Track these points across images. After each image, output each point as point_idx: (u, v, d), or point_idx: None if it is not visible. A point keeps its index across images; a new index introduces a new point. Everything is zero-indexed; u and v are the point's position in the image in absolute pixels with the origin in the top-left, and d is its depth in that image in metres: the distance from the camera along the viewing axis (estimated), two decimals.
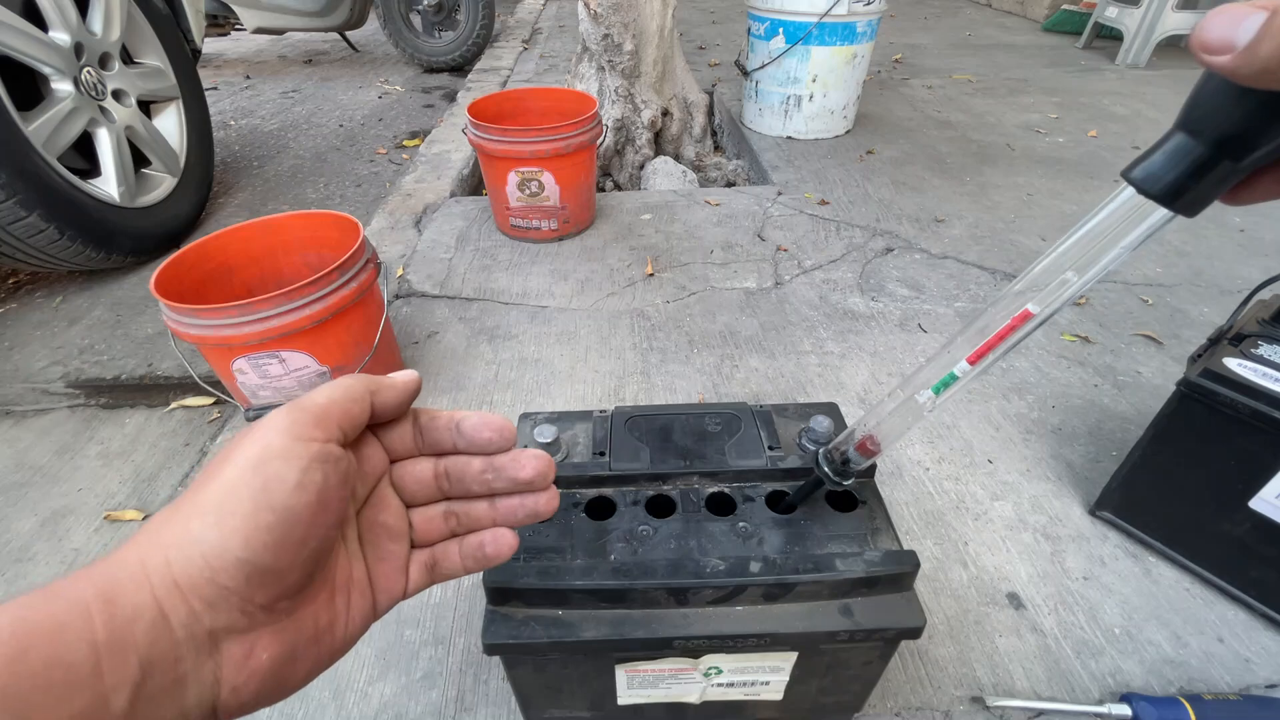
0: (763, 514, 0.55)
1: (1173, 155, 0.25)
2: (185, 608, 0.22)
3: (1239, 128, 0.23)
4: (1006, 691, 0.67)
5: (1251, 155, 0.23)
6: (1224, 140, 0.23)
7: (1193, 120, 0.24)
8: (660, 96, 1.98)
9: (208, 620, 0.23)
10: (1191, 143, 0.24)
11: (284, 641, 0.25)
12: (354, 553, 0.30)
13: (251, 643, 0.24)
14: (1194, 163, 0.24)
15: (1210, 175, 0.24)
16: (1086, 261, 0.30)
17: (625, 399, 1.07)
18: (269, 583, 0.24)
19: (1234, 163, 0.24)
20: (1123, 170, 0.27)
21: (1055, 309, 0.32)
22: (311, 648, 0.27)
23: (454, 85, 3.00)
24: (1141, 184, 0.26)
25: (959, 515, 0.86)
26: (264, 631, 0.25)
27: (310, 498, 0.24)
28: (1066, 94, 2.46)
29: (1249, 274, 1.37)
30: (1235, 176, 0.24)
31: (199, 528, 0.23)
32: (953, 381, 0.38)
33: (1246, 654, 0.71)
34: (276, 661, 0.25)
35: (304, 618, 0.26)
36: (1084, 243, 0.30)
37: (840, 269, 1.42)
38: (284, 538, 0.24)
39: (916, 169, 1.87)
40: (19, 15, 1.22)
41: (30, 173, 1.19)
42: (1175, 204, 0.26)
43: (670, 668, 0.53)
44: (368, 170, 2.13)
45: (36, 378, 1.16)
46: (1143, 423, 0.77)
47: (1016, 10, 3.90)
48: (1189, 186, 0.25)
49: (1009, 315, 0.34)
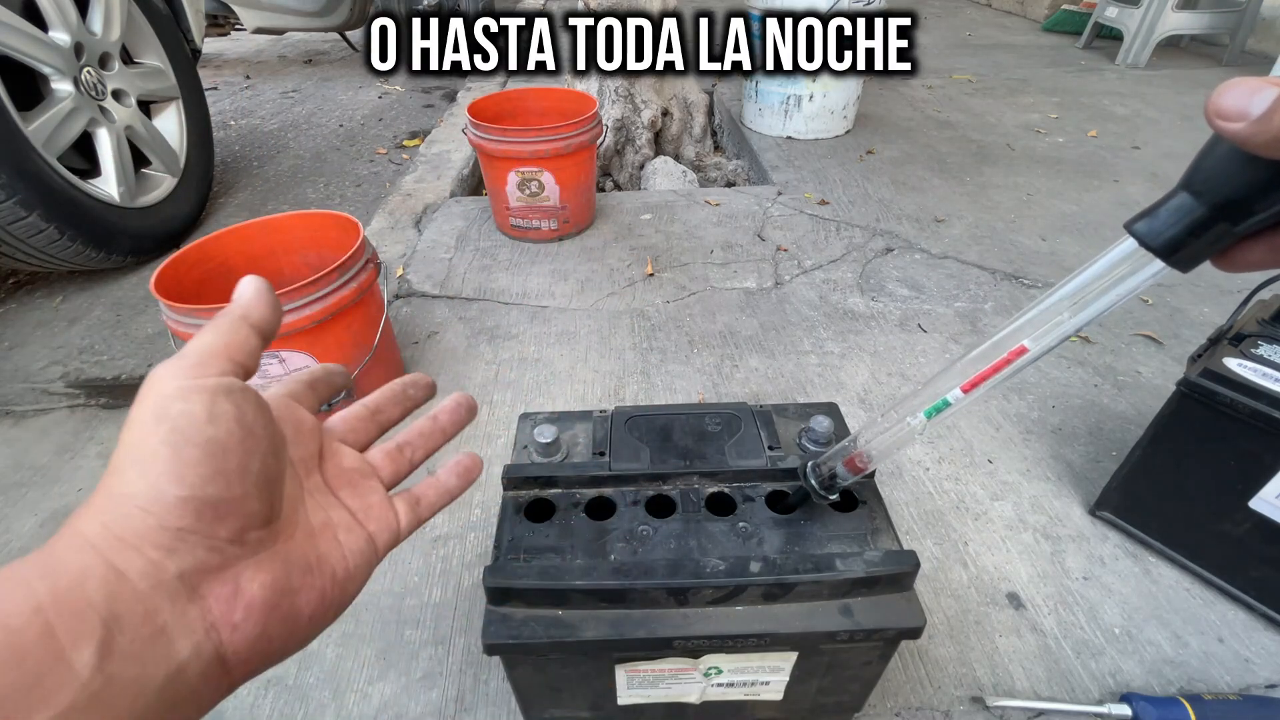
0: (763, 514, 0.55)
1: (1174, 212, 0.26)
2: (141, 559, 0.21)
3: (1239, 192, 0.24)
4: (1006, 691, 0.67)
5: (1248, 220, 0.25)
6: (1224, 203, 0.25)
7: (1196, 182, 0.26)
8: (660, 96, 1.99)
9: (172, 565, 0.22)
10: (1193, 202, 0.26)
11: (272, 571, 0.25)
12: (327, 503, 0.30)
13: (235, 577, 0.24)
14: (1193, 222, 0.26)
15: (1207, 235, 0.26)
16: (1083, 303, 0.32)
17: (625, 399, 1.07)
18: (225, 513, 0.23)
19: (1230, 225, 0.25)
20: (1125, 222, 0.29)
21: (1050, 346, 0.34)
22: (309, 578, 0.26)
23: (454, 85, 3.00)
24: (1144, 237, 0.28)
25: (959, 515, 0.86)
26: (245, 565, 0.24)
27: (230, 425, 0.23)
28: (1066, 94, 2.46)
29: (1249, 274, 1.37)
30: (1229, 238, 0.26)
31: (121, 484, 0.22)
32: (945, 407, 0.39)
33: (1246, 654, 0.71)
34: (271, 592, 0.24)
35: (287, 550, 0.26)
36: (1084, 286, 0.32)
37: (840, 269, 1.42)
38: (219, 467, 0.23)
39: (916, 169, 1.87)
40: (19, 15, 1.22)
41: (30, 173, 1.19)
42: (1171, 259, 0.27)
43: (670, 668, 0.53)
44: (368, 170, 2.13)
45: (36, 378, 1.16)
46: (1143, 423, 0.77)
47: (1016, 10, 3.90)
48: (1186, 243, 0.26)
49: (1005, 350, 0.35)
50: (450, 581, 0.79)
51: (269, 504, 0.25)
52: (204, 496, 0.22)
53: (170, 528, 0.22)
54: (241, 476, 0.24)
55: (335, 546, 0.28)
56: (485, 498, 0.89)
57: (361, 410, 0.35)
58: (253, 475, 0.24)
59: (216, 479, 0.23)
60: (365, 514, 0.31)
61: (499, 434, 1.00)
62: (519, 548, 0.52)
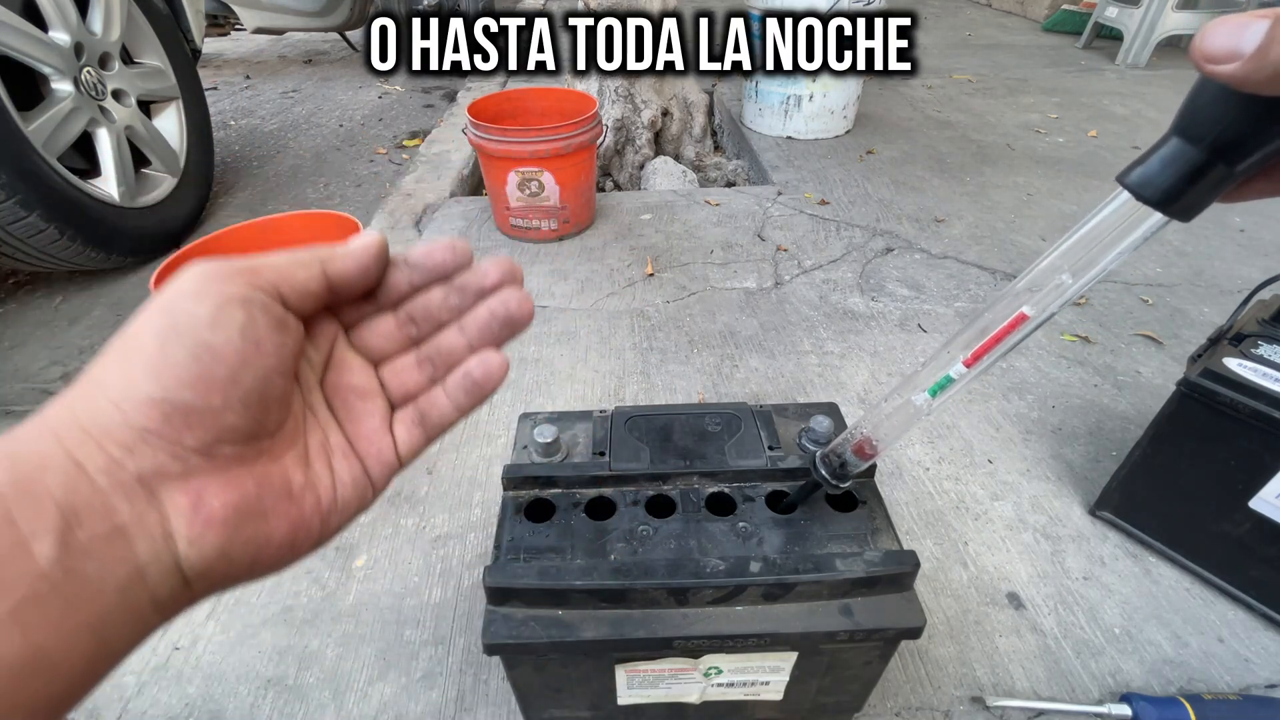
0: (763, 514, 0.55)
1: (1168, 161, 0.25)
2: (101, 454, 0.21)
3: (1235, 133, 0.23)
4: (1006, 691, 0.67)
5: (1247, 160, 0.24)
6: (1220, 146, 0.24)
7: (1188, 126, 0.25)
8: (660, 96, 1.98)
9: (131, 465, 0.21)
10: (1187, 148, 0.25)
11: (240, 490, 0.23)
12: (326, 421, 0.28)
13: (197, 490, 0.22)
14: (1189, 168, 0.25)
15: (1205, 180, 0.25)
16: (1083, 265, 0.31)
17: (625, 399, 1.07)
18: (197, 423, 0.22)
19: (1229, 167, 0.24)
20: (1118, 175, 0.27)
21: (1051, 312, 0.33)
22: (284, 504, 0.24)
23: (454, 85, 3.00)
24: (1138, 189, 0.26)
25: (959, 515, 0.86)
26: (209, 479, 0.22)
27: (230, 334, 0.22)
28: (1066, 94, 2.46)
29: (1249, 274, 1.37)
30: (1229, 181, 0.25)
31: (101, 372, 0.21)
32: (949, 384, 0.38)
33: (1246, 654, 0.71)
34: (235, 511, 0.23)
35: (267, 472, 0.24)
36: (1080, 246, 0.30)
37: (840, 269, 1.42)
38: (204, 374, 0.21)
39: (916, 169, 1.87)
40: (19, 15, 1.22)
41: (30, 173, 1.19)
42: (1170, 209, 0.26)
43: (670, 668, 0.53)
44: (368, 170, 2.13)
45: (36, 378, 1.16)
46: (1143, 423, 0.77)
47: (1016, 10, 3.90)
48: (1184, 191, 0.25)
49: (1005, 318, 0.34)
50: (450, 581, 0.79)
51: (256, 420, 0.23)
52: (176, 400, 0.21)
53: (135, 426, 0.21)
54: (227, 387, 0.22)
55: (326, 473, 0.26)
56: (485, 497, 0.89)
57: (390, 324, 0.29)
58: (242, 389, 0.22)
59: (196, 384, 0.21)
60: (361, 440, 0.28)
61: (499, 434, 1.00)
62: (519, 548, 0.52)
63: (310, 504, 0.25)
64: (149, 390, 0.21)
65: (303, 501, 0.25)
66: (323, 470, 0.26)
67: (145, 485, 0.21)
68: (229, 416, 0.22)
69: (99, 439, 0.21)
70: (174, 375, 0.21)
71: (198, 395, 0.21)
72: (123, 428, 0.21)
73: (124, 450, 0.21)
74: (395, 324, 0.29)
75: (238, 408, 0.22)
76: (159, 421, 0.21)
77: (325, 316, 0.28)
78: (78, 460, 0.20)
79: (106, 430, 0.21)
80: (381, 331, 0.29)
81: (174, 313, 0.22)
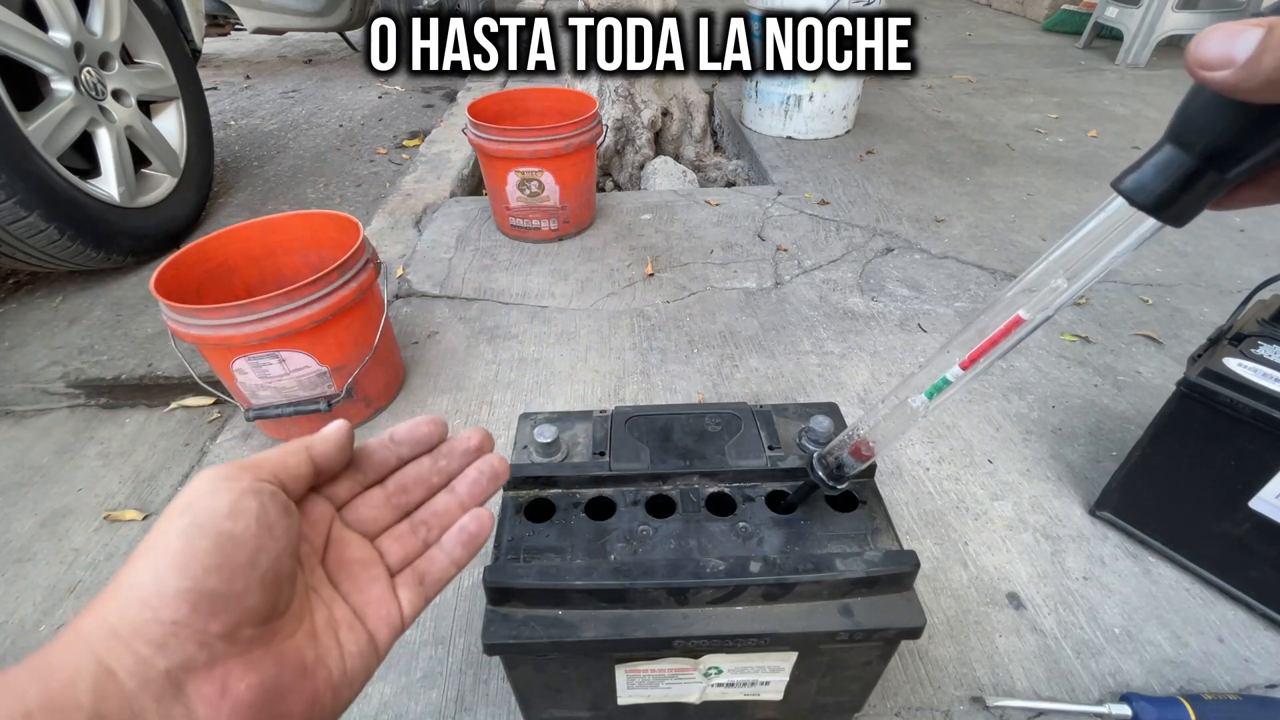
0: (763, 514, 0.55)
1: (1161, 167, 0.26)
2: (131, 656, 0.22)
3: (1227, 140, 0.23)
4: (1006, 691, 0.67)
5: (1238, 168, 0.24)
6: (1212, 152, 0.24)
7: (1182, 133, 0.25)
8: (660, 96, 1.99)
9: (161, 662, 0.22)
10: (1180, 155, 0.25)
11: (262, 672, 0.25)
12: (330, 596, 0.30)
13: (222, 677, 0.23)
14: (1182, 174, 0.25)
15: (1197, 186, 0.25)
16: (1078, 268, 0.31)
17: (625, 399, 1.07)
18: (222, 609, 0.23)
19: (1220, 174, 0.24)
20: (1112, 181, 0.28)
21: (1047, 315, 0.33)
22: (301, 681, 0.26)
23: (454, 85, 3.00)
24: (1131, 195, 0.27)
25: (959, 515, 0.86)
26: (234, 664, 0.24)
27: (248, 522, 0.24)
28: (1066, 94, 2.46)
29: (1249, 274, 1.37)
30: (1222, 188, 0.25)
31: (131, 573, 0.23)
32: (946, 386, 0.38)
33: (1246, 654, 0.71)
34: (259, 694, 0.24)
35: (284, 651, 0.26)
36: (1075, 250, 0.31)
37: (840, 269, 1.42)
38: (227, 561, 0.23)
39: (916, 169, 1.87)
40: (19, 15, 1.22)
41: (30, 173, 1.19)
42: (1163, 214, 0.26)
43: (670, 668, 0.53)
44: (368, 170, 2.13)
45: (36, 378, 1.16)
46: (1143, 423, 0.77)
47: (1016, 10, 3.90)
48: (1177, 197, 0.26)
49: (1001, 321, 0.34)
50: (450, 581, 0.79)
51: (272, 601, 0.25)
52: (203, 588, 0.23)
53: (164, 621, 0.22)
54: (247, 571, 0.24)
55: (334, 647, 0.28)
56: None
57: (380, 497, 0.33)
58: (260, 571, 0.24)
59: (220, 571, 0.23)
60: (366, 608, 0.30)
61: (499, 434, 1.00)
62: (519, 548, 0.52)
63: (323, 679, 0.27)
64: (177, 584, 0.23)
65: (315, 677, 0.27)
66: (331, 645, 0.28)
67: (173, 681, 0.23)
68: (249, 598, 0.24)
69: (129, 640, 0.22)
70: (199, 565, 0.23)
71: (222, 581, 0.23)
72: (153, 624, 0.22)
73: (154, 648, 0.22)
74: (384, 496, 0.33)
75: (257, 590, 0.24)
76: (187, 612, 0.23)
77: (318, 500, 0.31)
78: (109, 667, 0.22)
79: (136, 629, 0.22)
80: (373, 503, 0.33)
81: (195, 510, 0.24)
